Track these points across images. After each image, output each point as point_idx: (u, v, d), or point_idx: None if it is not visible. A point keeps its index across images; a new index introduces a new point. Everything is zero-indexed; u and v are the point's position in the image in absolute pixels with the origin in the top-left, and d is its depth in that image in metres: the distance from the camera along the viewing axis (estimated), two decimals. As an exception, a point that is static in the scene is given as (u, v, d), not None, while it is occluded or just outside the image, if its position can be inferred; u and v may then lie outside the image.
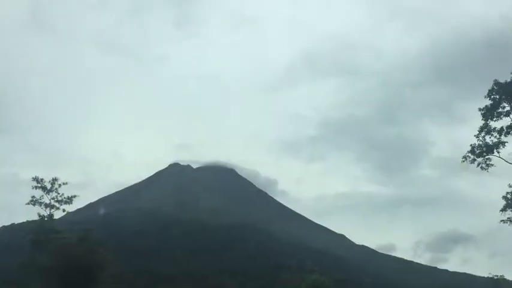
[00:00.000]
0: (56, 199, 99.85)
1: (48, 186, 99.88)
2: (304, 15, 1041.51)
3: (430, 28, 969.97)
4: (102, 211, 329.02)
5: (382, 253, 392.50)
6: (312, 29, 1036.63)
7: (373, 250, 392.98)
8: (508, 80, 68.65)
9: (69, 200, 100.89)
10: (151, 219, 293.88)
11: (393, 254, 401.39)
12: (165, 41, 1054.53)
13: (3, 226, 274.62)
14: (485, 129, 71.02)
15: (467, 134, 76.13)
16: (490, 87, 69.99)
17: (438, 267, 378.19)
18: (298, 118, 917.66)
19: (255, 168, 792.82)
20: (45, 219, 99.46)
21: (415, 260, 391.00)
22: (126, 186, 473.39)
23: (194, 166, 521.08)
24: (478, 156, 71.87)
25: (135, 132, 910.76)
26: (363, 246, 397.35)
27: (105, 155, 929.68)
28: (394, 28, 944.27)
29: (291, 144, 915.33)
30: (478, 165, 72.05)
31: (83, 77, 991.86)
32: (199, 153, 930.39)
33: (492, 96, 69.82)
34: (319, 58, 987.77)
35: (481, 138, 71.52)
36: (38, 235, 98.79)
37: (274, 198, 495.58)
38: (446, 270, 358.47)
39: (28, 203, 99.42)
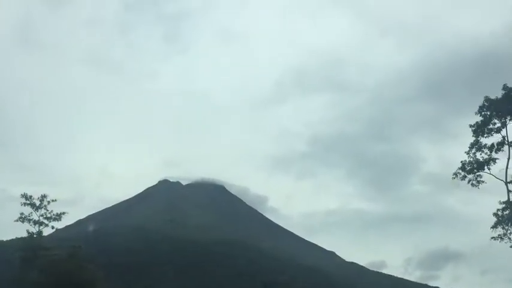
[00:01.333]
0: (44, 216, 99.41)
1: (37, 203, 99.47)
2: (293, 31, 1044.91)
3: (421, 44, 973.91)
4: (91, 228, 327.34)
5: (373, 270, 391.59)
6: (301, 44, 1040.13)
7: (363, 267, 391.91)
8: (499, 96, 68.88)
9: (58, 217, 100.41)
10: (141, 236, 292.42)
11: (384, 271, 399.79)
12: (155, 58, 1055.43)
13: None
14: (476, 145, 71.15)
15: (458, 150, 76.16)
16: (480, 104, 70.18)
17: (429, 284, 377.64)
18: (288, 134, 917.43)
19: (245, 184, 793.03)
20: (34, 236, 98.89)
21: (406, 277, 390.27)
22: (115, 203, 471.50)
23: (184, 183, 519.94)
24: (469, 173, 71.91)
25: (124, 148, 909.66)
26: (353, 263, 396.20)
27: (95, 171, 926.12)
28: (384, 44, 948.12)
29: (281, 160, 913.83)
30: (468, 182, 72.11)
31: (72, 93, 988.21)
32: (188, 169, 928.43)
33: (483, 113, 69.99)
34: (309, 74, 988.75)
35: (471, 154, 71.62)
36: (27, 252, 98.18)
37: (264, 215, 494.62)
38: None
39: (17, 220, 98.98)
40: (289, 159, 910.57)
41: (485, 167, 70.79)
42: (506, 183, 69.49)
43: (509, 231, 69.82)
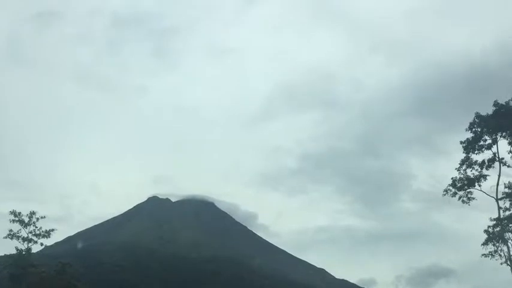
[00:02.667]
0: (33, 233, 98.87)
1: (26, 220, 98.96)
2: (283, 47, 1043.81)
3: (411, 60, 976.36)
4: (80, 245, 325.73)
5: (363, 287, 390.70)
6: (291, 61, 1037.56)
7: (353, 284, 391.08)
8: (490, 113, 69.04)
9: (47, 234, 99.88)
10: (130, 253, 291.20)
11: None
12: (144, 73, 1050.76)
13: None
14: (467, 162, 71.22)
15: (449, 167, 76.17)
16: (471, 120, 70.34)
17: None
18: (278, 151, 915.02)
19: (235, 201, 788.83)
20: (23, 252, 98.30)
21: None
22: (104, 220, 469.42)
23: (173, 199, 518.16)
24: (460, 190, 71.96)
25: (113, 164, 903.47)
26: (343, 280, 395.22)
27: (83, 188, 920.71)
28: (374, 60, 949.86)
29: (271, 177, 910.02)
30: (459, 199, 72.16)
31: (61, 109, 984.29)
32: (178, 186, 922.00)
33: (474, 129, 70.14)
34: (299, 90, 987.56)
35: (462, 171, 71.70)
36: (16, 269, 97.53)
37: (254, 232, 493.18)
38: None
39: (6, 237, 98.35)
40: (279, 176, 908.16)
41: (476, 184, 70.86)
42: (497, 200, 69.56)
43: (500, 248, 69.75)
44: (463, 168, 71.34)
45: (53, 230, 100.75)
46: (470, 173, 71.23)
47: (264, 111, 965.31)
